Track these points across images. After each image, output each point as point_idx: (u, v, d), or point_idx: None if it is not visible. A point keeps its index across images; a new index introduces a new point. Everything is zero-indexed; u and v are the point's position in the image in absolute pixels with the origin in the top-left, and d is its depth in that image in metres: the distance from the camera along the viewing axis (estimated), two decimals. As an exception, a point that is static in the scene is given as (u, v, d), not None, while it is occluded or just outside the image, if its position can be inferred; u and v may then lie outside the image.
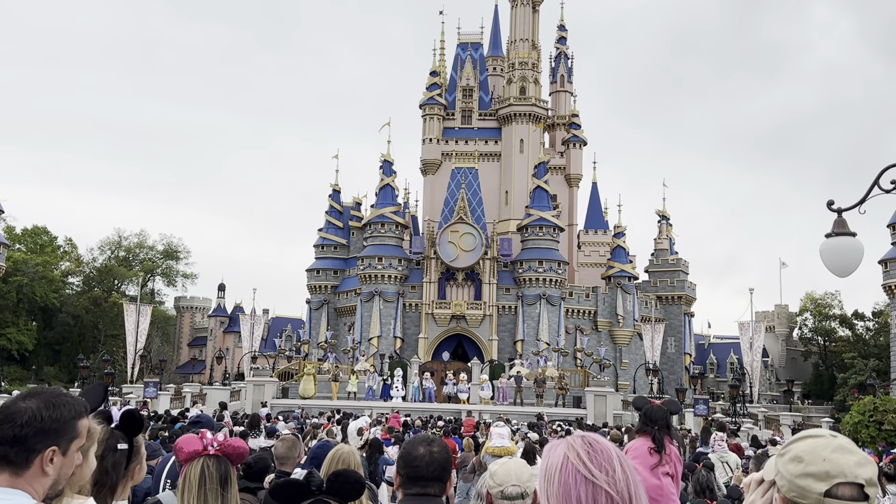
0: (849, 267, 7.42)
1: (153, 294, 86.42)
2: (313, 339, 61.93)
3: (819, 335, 79.15)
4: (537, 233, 59.24)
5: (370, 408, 35.73)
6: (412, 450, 3.26)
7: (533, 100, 65.59)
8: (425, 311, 58.62)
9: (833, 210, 7.49)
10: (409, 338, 58.74)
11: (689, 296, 69.03)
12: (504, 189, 65.26)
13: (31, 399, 2.19)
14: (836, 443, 1.92)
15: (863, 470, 1.87)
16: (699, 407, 38.03)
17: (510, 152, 65.06)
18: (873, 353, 68.18)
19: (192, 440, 2.93)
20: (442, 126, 66.62)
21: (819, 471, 1.86)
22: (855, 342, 73.05)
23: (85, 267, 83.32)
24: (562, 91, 71.59)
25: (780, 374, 76.94)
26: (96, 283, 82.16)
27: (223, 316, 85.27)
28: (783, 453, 1.99)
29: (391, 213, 60.45)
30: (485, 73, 68.59)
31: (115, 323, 69.54)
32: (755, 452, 14.25)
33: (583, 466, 1.94)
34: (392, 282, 59.01)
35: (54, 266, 76.87)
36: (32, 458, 2.12)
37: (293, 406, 36.43)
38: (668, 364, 63.89)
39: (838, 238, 7.37)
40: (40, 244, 78.49)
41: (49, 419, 2.14)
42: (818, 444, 1.91)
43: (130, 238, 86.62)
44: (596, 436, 2.08)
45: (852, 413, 17.67)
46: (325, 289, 65.67)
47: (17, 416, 2.11)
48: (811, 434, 1.97)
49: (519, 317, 58.46)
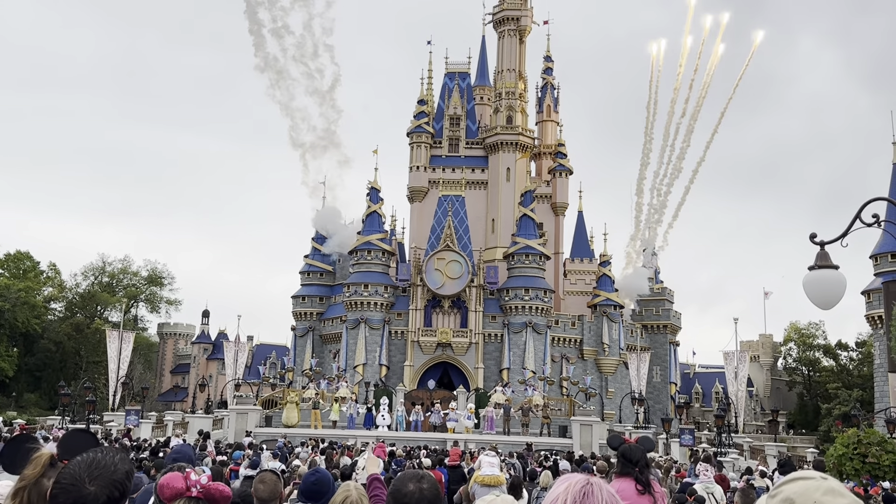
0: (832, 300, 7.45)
1: (136, 320, 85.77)
2: (298, 366, 61.51)
3: (803, 365, 79.35)
4: (523, 261, 59.32)
5: (354, 436, 35.42)
6: (402, 486, 3.26)
7: (519, 129, 65.98)
8: (411, 339, 58.41)
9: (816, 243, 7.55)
10: (394, 365, 58.45)
11: (674, 325, 69.20)
12: (490, 217, 65.43)
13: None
14: (827, 485, 1.91)
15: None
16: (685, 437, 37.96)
17: (497, 180, 65.32)
18: (857, 383, 68.45)
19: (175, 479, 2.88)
20: (429, 154, 66.85)
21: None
22: (839, 372, 73.28)
23: (68, 293, 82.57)
24: (548, 120, 72.11)
25: (765, 403, 76.99)
26: (79, 308, 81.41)
27: (207, 343, 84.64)
28: (774, 494, 1.98)
29: (378, 239, 60.41)
30: (472, 102, 69.01)
31: (97, 349, 68.88)
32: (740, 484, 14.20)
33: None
34: (378, 309, 58.81)
35: (37, 292, 76.15)
36: None
37: (277, 435, 36.12)
38: (654, 393, 63.84)
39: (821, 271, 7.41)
40: (23, 269, 77.76)
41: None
42: (809, 487, 1.91)
43: (114, 264, 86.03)
44: (597, 485, 2.06)
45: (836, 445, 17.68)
46: (311, 315, 65.38)
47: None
48: (802, 476, 1.97)
49: (505, 345, 58.35)
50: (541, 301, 58.70)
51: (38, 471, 2.59)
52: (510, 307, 58.60)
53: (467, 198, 63.83)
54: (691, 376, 75.43)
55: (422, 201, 66.34)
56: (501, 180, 65.07)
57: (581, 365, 61.32)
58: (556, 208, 68.33)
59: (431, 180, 66.15)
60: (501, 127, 65.56)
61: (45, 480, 2.54)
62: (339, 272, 65.84)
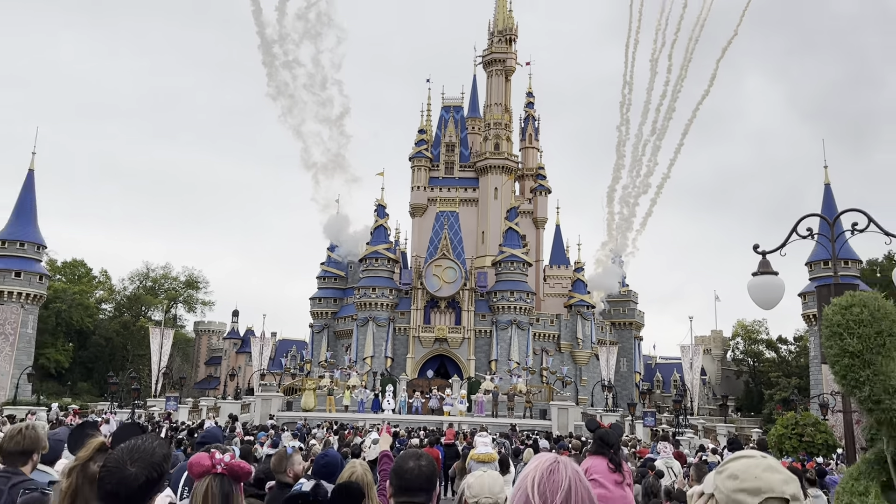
0: (772, 301, 7.46)
1: (175, 319, 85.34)
2: (315, 358, 61.25)
3: (749, 357, 79.42)
4: (509, 267, 59.32)
5: (364, 419, 35.29)
6: (403, 464, 3.25)
7: (505, 154, 66.07)
8: (412, 335, 58.33)
9: (758, 253, 7.56)
10: (398, 357, 58.33)
11: (638, 322, 69.19)
12: (481, 230, 65.39)
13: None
14: (766, 463, 1.91)
15: (788, 486, 1.87)
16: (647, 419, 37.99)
17: (486, 199, 65.35)
18: (795, 372, 68.52)
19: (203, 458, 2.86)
20: (428, 175, 66.84)
21: (752, 487, 1.86)
22: (779, 363, 73.37)
23: (116, 295, 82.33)
24: (530, 147, 72.14)
25: (716, 390, 76.91)
26: (126, 309, 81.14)
27: (236, 338, 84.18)
28: (721, 471, 1.98)
29: (384, 249, 60.36)
30: (465, 132, 69.08)
31: (141, 344, 68.63)
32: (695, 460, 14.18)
33: (531, 489, 1.92)
34: (384, 309, 58.73)
35: (89, 294, 75.91)
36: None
37: (296, 418, 35.97)
38: (621, 381, 63.75)
39: (763, 276, 7.43)
40: (78, 275, 77.59)
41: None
42: (751, 464, 1.91)
43: (157, 270, 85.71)
44: (563, 464, 2.03)
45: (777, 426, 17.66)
46: (326, 315, 65.21)
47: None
48: (745, 455, 1.97)
49: (493, 340, 58.27)
50: (524, 302, 58.68)
51: (87, 454, 2.57)
52: (498, 307, 58.56)
53: (461, 213, 63.93)
54: (653, 366, 75.25)
55: (421, 216, 66.32)
56: (490, 198, 65.11)
57: (558, 357, 61.28)
58: (536, 222, 68.36)
59: (430, 198, 66.18)
60: (490, 153, 65.64)
61: (93, 464, 2.52)
62: (350, 277, 65.71)
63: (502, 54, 68.79)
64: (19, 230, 54.02)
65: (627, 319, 67.97)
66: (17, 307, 52.97)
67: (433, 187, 66.70)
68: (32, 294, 53.82)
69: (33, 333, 54.55)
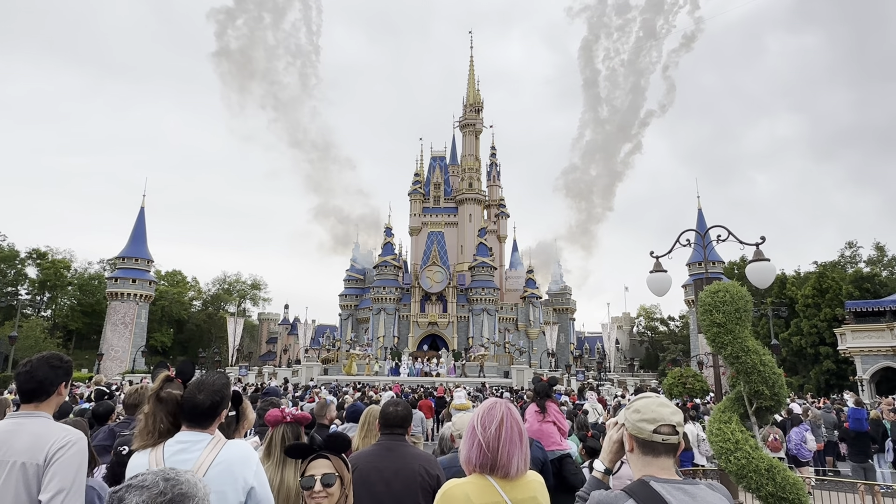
0: (663, 290, 7.52)
1: (244, 311, 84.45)
2: (343, 338, 60.75)
3: (649, 330, 79.82)
4: (481, 271, 59.33)
5: (382, 381, 35.05)
6: (386, 409, 3.30)
7: (476, 190, 66.15)
8: (412, 320, 58.06)
9: (654, 256, 7.63)
10: (402, 336, 58.01)
11: (572, 308, 69.23)
12: (460, 244, 65.37)
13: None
14: (659, 400, 1.92)
15: (674, 416, 1.88)
16: (579, 375, 38.04)
17: (463, 222, 65.37)
18: (680, 340, 68.98)
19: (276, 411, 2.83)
20: (422, 206, 66.76)
21: (649, 417, 1.87)
22: (669, 334, 73.84)
23: (203, 295, 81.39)
24: (494, 185, 72.16)
25: (627, 354, 77.06)
26: (210, 304, 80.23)
27: (287, 324, 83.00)
28: (629, 407, 1.99)
29: (391, 259, 60.20)
30: (447, 174, 69.10)
31: (221, 329, 67.82)
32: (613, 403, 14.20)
33: (476, 420, 1.93)
34: (391, 302, 58.48)
35: (184, 294, 75.01)
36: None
37: (331, 381, 35.65)
38: (561, 350, 63.70)
39: (657, 273, 7.49)
40: (176, 281, 76.56)
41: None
42: (649, 402, 1.92)
43: (231, 276, 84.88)
44: (499, 403, 2.02)
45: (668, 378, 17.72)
46: (350, 307, 64.71)
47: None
48: (644, 396, 1.98)
49: (470, 322, 58.15)
50: (492, 295, 58.67)
51: (158, 384, 2.50)
52: (473, 299, 58.50)
53: (445, 233, 63.85)
54: (583, 339, 75.01)
55: (417, 235, 66.21)
56: (466, 222, 65.14)
57: (517, 334, 61.12)
58: (499, 238, 68.42)
59: (423, 222, 66.08)
60: (466, 189, 65.71)
61: (162, 392, 2.44)
62: (367, 279, 65.39)
63: (473, 120, 69.03)
64: (134, 249, 53.70)
65: (564, 306, 67.95)
66: (133, 304, 52.40)
67: (426, 214, 66.64)
68: (144, 294, 53.21)
69: (145, 323, 53.86)
